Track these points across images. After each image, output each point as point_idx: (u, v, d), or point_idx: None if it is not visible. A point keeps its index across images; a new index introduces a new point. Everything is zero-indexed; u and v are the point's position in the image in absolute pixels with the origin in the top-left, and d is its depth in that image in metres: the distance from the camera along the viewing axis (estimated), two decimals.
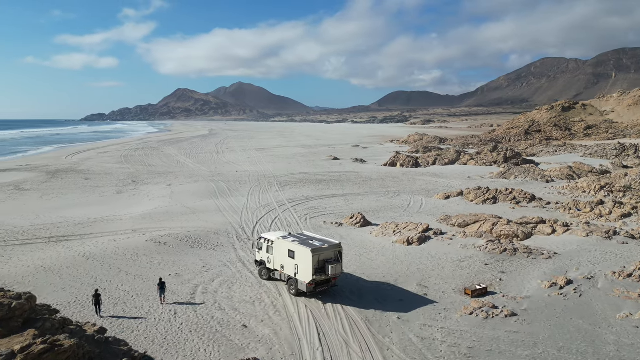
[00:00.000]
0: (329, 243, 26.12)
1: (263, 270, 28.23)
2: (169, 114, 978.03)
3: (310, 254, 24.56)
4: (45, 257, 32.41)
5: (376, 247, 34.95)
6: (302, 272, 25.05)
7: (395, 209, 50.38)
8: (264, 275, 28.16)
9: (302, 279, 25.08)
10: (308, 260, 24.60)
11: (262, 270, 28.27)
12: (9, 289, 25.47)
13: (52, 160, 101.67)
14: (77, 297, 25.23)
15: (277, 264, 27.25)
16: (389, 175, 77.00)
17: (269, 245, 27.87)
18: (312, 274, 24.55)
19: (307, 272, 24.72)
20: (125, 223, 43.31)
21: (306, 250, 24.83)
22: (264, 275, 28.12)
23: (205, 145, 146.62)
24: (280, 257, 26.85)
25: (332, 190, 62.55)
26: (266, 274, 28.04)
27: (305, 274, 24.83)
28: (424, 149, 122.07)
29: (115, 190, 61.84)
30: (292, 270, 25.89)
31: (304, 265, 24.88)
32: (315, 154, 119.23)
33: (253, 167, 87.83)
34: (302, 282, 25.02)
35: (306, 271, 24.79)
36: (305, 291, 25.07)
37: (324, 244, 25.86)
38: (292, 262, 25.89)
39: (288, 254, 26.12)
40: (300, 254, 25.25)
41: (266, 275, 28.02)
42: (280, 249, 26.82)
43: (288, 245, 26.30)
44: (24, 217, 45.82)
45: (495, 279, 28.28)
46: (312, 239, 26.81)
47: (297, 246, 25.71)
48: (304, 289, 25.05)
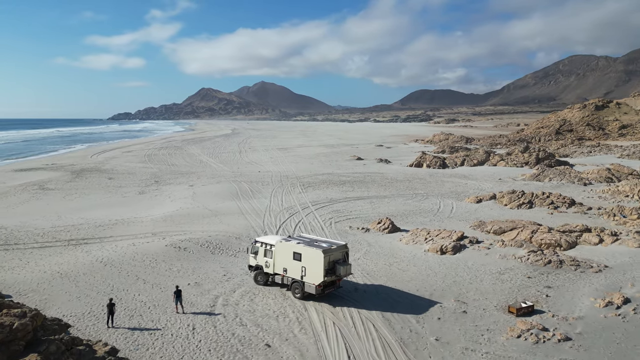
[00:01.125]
0: (336, 244, 25.86)
1: (259, 276, 27.30)
2: (192, 113, 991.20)
3: (322, 255, 24.13)
4: (63, 262, 31.37)
5: (407, 256, 32.71)
6: (311, 274, 24.49)
7: (425, 213, 47.92)
8: (260, 280, 27.24)
9: (310, 281, 24.51)
10: (319, 261, 24.13)
11: (258, 275, 27.34)
12: (19, 300, 24.40)
13: (78, 159, 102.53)
14: (92, 307, 23.89)
15: (278, 268, 26.34)
16: (415, 177, 74.38)
17: (267, 249, 27.02)
18: (324, 275, 24.11)
19: (318, 274, 24.24)
20: (146, 225, 42.22)
21: (317, 252, 24.32)
22: (260, 280, 27.20)
23: (228, 145, 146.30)
24: (282, 261, 26.00)
25: (357, 192, 60.43)
26: (263, 279, 27.12)
27: (315, 276, 24.33)
28: (451, 149, 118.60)
29: (138, 191, 61.18)
30: (297, 273, 25.17)
31: (314, 267, 24.35)
32: (338, 153, 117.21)
33: (275, 167, 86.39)
34: (311, 284, 24.48)
35: (316, 273, 24.29)
36: (313, 293, 24.51)
37: (331, 245, 25.53)
38: (297, 264, 25.16)
39: (293, 256, 25.39)
40: (309, 256, 24.64)
41: (263, 281, 27.13)
42: (283, 252, 25.97)
43: (293, 248, 25.53)
44: (46, 218, 45.28)
45: (541, 295, 25.73)
46: (316, 241, 26.37)
47: (304, 248, 25.07)
48: (312, 291, 24.49)
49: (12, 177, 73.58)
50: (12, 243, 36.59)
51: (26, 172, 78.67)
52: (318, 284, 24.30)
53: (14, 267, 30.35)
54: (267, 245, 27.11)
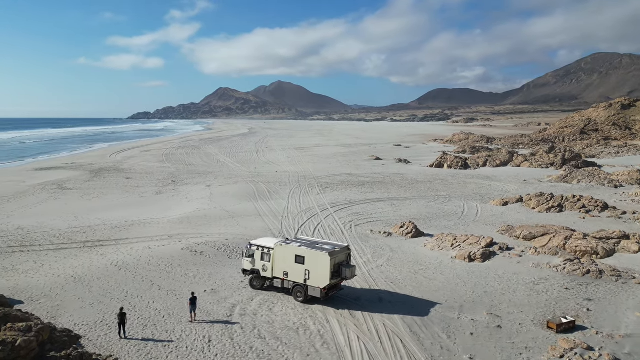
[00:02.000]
0: (339, 246, 25.43)
1: (255, 280, 26.44)
2: (210, 112, 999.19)
3: (329, 257, 23.69)
4: (78, 265, 30.60)
5: (433, 263, 31.04)
6: (316, 277, 23.97)
7: (449, 216, 46.05)
8: (256, 284, 26.41)
9: (315, 284, 24.01)
10: (325, 264, 23.67)
11: (254, 279, 26.47)
12: (31, 307, 23.58)
13: (97, 158, 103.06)
14: (105, 315, 22.91)
15: (278, 272, 25.53)
16: (436, 178, 72.33)
17: (264, 253, 26.18)
18: (330, 278, 23.67)
19: (323, 277, 23.74)
20: (162, 227, 41.39)
21: (323, 254, 23.86)
22: (256, 284, 26.38)
23: (245, 144, 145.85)
24: (283, 264, 25.25)
25: (377, 193, 58.79)
26: (259, 283, 26.32)
27: (320, 279, 23.82)
28: (472, 149, 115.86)
29: (155, 191, 60.63)
30: (300, 276, 24.55)
31: (319, 270, 23.84)
32: (355, 153, 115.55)
33: (293, 168, 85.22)
34: (315, 287, 24.01)
35: (322, 276, 23.78)
36: (318, 297, 24.07)
37: (335, 247, 25.04)
38: (300, 267, 24.53)
39: (295, 259, 24.70)
40: (314, 259, 24.10)
41: (259, 285, 26.33)
42: (284, 255, 25.24)
43: (295, 251, 24.85)
44: (62, 219, 44.87)
45: (582, 309, 23.83)
46: (317, 243, 25.90)
47: (308, 251, 24.47)
48: (317, 294, 24.05)
49: (32, 176, 73.99)
50: (28, 244, 36.11)
51: (46, 171, 79.10)
52: (324, 287, 23.78)
53: (28, 270, 29.70)
54: (265, 249, 26.26)
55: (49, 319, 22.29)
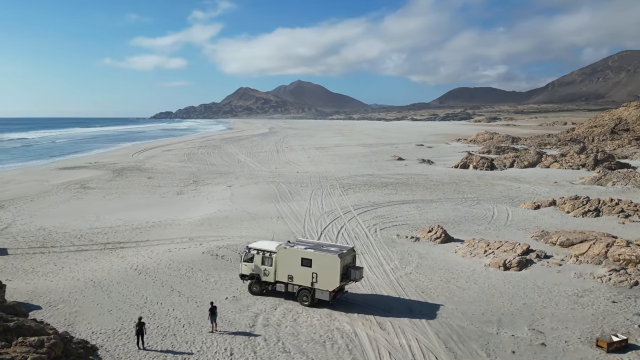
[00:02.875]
0: (345, 248, 25.02)
1: (255, 285, 25.57)
2: (231, 112, 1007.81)
3: (339, 259, 23.28)
4: (97, 269, 29.96)
5: (465, 272, 29.32)
6: (325, 280, 23.52)
7: (478, 220, 44.10)
8: (255, 290, 25.54)
9: (323, 288, 23.57)
10: (335, 266, 23.25)
11: (253, 284, 25.60)
12: (49, 312, 22.86)
13: (120, 157, 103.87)
14: (124, 323, 22.02)
15: (281, 276, 24.77)
16: (462, 179, 70.11)
17: (265, 257, 25.29)
18: (339, 280, 23.33)
19: (332, 279, 23.36)
20: (183, 229, 40.66)
21: (333, 257, 23.42)
22: (256, 290, 25.51)
23: (266, 144, 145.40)
24: (287, 268, 24.49)
25: (401, 195, 57.07)
26: (259, 288, 25.48)
27: (329, 282, 23.43)
28: (497, 149, 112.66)
29: (176, 191, 60.21)
30: (307, 279, 23.92)
31: (328, 273, 23.40)
32: (377, 153, 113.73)
33: (314, 168, 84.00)
34: (324, 290, 23.57)
35: (331, 278, 23.38)
36: (327, 300, 23.66)
37: (341, 249, 24.59)
38: (307, 271, 23.89)
39: (301, 262, 24.04)
40: (323, 262, 23.58)
41: (258, 290, 25.49)
42: (288, 258, 24.48)
43: (301, 254, 24.18)
44: (84, 219, 44.63)
45: (632, 325, 21.87)
46: (321, 245, 25.49)
47: (315, 254, 23.88)
48: (325, 297, 23.67)
49: (56, 175, 74.67)
50: (49, 245, 35.79)
51: (70, 171, 79.81)
52: (333, 289, 23.42)
53: (48, 273, 29.19)
54: (266, 253, 25.35)
55: (66, 326, 21.55)
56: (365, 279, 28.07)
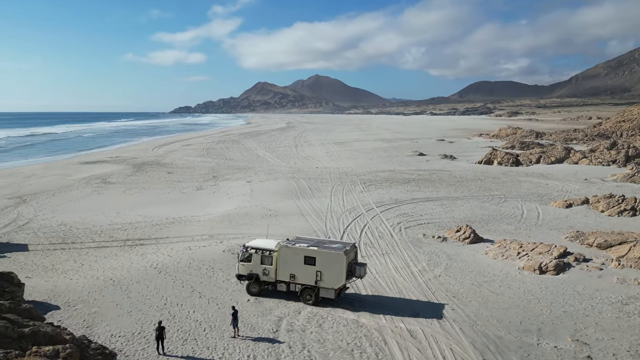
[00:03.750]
0: (347, 244, 24.72)
1: (253, 285, 24.68)
2: (249, 106, 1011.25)
3: (345, 256, 22.97)
4: (117, 266, 29.41)
5: (498, 275, 27.81)
6: (330, 278, 23.11)
7: (507, 219, 42.32)
8: (253, 290, 24.68)
9: (328, 286, 23.16)
10: (341, 264, 22.90)
11: (252, 285, 24.70)
12: (67, 313, 22.23)
13: (140, 152, 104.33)
14: (143, 325, 21.28)
15: (283, 275, 24.09)
16: (486, 175, 68.01)
17: (264, 255, 24.47)
18: (345, 277, 23.12)
19: (338, 277, 23.00)
20: (203, 226, 39.98)
21: (338, 254, 23.06)
22: (254, 290, 24.66)
23: (284, 139, 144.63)
24: (289, 267, 23.83)
25: (424, 192, 55.44)
26: (258, 288, 24.64)
27: (335, 279, 23.06)
28: (521, 145, 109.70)
29: (196, 186, 59.75)
30: (310, 278, 23.41)
31: (334, 270, 23.01)
32: (396, 148, 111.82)
33: (333, 163, 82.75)
34: (329, 289, 23.18)
35: (336, 276, 23.01)
36: (332, 298, 23.32)
37: (345, 245, 24.28)
38: (311, 269, 23.36)
39: (305, 261, 23.48)
40: (327, 259, 23.13)
41: (257, 290, 24.64)
42: (290, 257, 23.82)
43: (304, 252, 23.61)
44: (105, 214, 44.38)
45: None
46: (323, 242, 25.12)
47: (319, 251, 23.41)
48: (330, 296, 23.30)
49: (78, 169, 75.14)
50: (70, 242, 35.49)
51: (91, 165, 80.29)
52: (338, 287, 23.16)
53: (67, 271, 28.75)
54: (265, 251, 24.53)
55: (85, 328, 20.91)
56: (392, 281, 26.87)
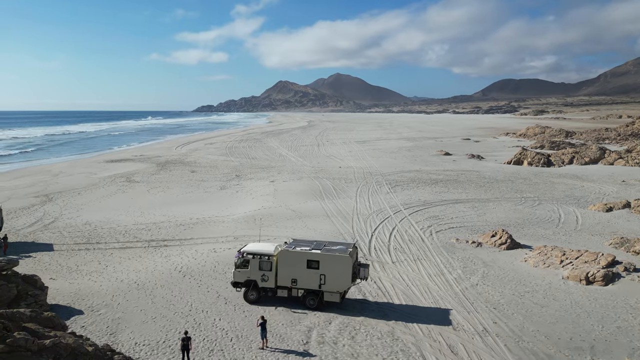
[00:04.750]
0: (347, 244, 24.22)
1: (251, 292, 23.58)
2: (270, 105, 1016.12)
3: (350, 259, 22.61)
4: (141, 269, 28.76)
5: (540, 285, 26.04)
6: (335, 281, 22.54)
7: (544, 223, 40.22)
8: (252, 297, 23.59)
9: (333, 289, 22.55)
10: (347, 266, 22.46)
11: (250, 292, 23.59)
12: (91, 318, 21.49)
13: (164, 150, 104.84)
14: (168, 333, 20.41)
15: (283, 280, 23.25)
16: (517, 176, 65.54)
17: (262, 261, 23.51)
18: (351, 280, 22.73)
19: (344, 280, 22.54)
20: (227, 227, 39.17)
21: (343, 257, 22.53)
22: (253, 297, 23.58)
23: (306, 138, 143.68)
24: (290, 271, 23.06)
25: (453, 193, 53.54)
26: (256, 295, 23.58)
27: (340, 283, 22.55)
28: (551, 144, 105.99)
29: (219, 186, 59.20)
30: (314, 282, 22.75)
31: (340, 273, 22.48)
32: (421, 147, 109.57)
33: (356, 163, 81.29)
34: (334, 292, 22.58)
35: (342, 279, 22.52)
36: (337, 301, 22.70)
37: (347, 246, 23.76)
38: (314, 273, 22.71)
39: (307, 264, 22.82)
40: (332, 262, 22.54)
41: (255, 297, 23.58)
42: (291, 261, 23.04)
43: (306, 255, 22.91)
44: (129, 214, 44.08)
45: None
46: (324, 244, 24.40)
47: (323, 254, 22.76)
48: (335, 299, 22.67)
49: (103, 167, 75.66)
50: (94, 242, 35.12)
51: (116, 163, 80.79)
52: (344, 290, 22.69)
53: (92, 272, 28.23)
54: (264, 256, 23.58)
55: (108, 335, 20.17)
56: (426, 290, 25.42)
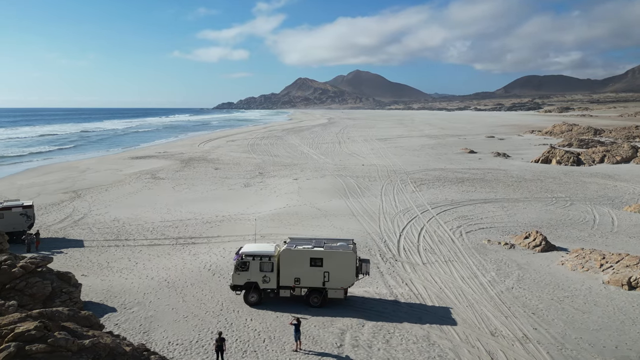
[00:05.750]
0: (346, 240, 24.58)
1: (252, 295, 23.15)
2: (289, 102, 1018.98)
3: (354, 255, 23.04)
4: (171, 266, 28.83)
5: (580, 289, 25.09)
6: (339, 278, 22.75)
7: (578, 225, 38.93)
8: (253, 299, 23.14)
9: (337, 286, 22.77)
10: (351, 262, 22.81)
11: (251, 295, 23.14)
12: (124, 315, 21.58)
13: (187, 147, 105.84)
14: (200, 333, 20.31)
15: (286, 280, 23.11)
16: (546, 175, 63.83)
17: (263, 262, 23.22)
18: (356, 275, 23.04)
19: (348, 277, 22.81)
20: (254, 225, 39.04)
21: (348, 253, 22.90)
22: (254, 299, 23.13)
23: (326, 135, 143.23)
24: (292, 270, 23.00)
25: (481, 192, 52.39)
26: (257, 297, 23.17)
27: (345, 279, 22.81)
28: (579, 143, 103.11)
29: (243, 183, 59.30)
30: (317, 280, 22.85)
31: (344, 270, 22.74)
32: (444, 145, 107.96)
33: (379, 161, 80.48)
34: (338, 289, 22.82)
35: (346, 276, 22.77)
36: (341, 297, 23.03)
37: (347, 243, 24.12)
38: (317, 271, 22.82)
39: (310, 263, 22.88)
40: (336, 259, 22.79)
41: (257, 299, 23.16)
42: (294, 260, 22.97)
43: (309, 254, 22.97)
44: (155, 210, 44.45)
45: None
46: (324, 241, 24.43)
47: (327, 252, 22.97)
48: (340, 296, 22.98)
49: (129, 164, 76.73)
50: (123, 238, 35.46)
51: (140, 160, 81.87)
52: (348, 286, 23.01)
53: (122, 269, 28.44)
54: (264, 257, 23.26)
55: (142, 334, 20.18)
56: (460, 293, 24.76)
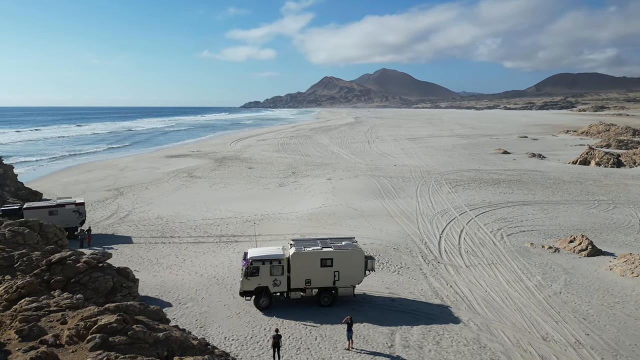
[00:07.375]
0: (351, 239, 25.33)
1: (263, 299, 23.25)
2: (315, 101, 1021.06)
3: (363, 253, 23.97)
4: (218, 264, 29.76)
5: (631, 295, 24.65)
6: (349, 276, 23.61)
7: (623, 229, 38.04)
8: (263, 304, 23.25)
9: (347, 284, 23.63)
10: (360, 261, 23.76)
11: (262, 299, 23.24)
12: (179, 311, 22.45)
13: (219, 146, 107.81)
14: (254, 329, 21.03)
15: (297, 282, 23.57)
16: (585, 177, 62.33)
17: (273, 266, 23.43)
18: (365, 272, 23.93)
19: (358, 274, 23.75)
20: (292, 224, 39.78)
21: (358, 252, 23.80)
22: (264, 303, 23.25)
23: (355, 134, 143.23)
24: (304, 272, 23.49)
25: (518, 194, 51.66)
26: (268, 301, 23.32)
27: (354, 277, 23.72)
28: (618, 143, 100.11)
29: (278, 182, 60.18)
30: (328, 280, 23.57)
31: (354, 268, 23.61)
32: (476, 145, 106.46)
33: (411, 161, 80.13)
34: (348, 287, 23.69)
35: (356, 273, 23.70)
36: (351, 294, 23.89)
37: (352, 241, 24.92)
38: (327, 271, 23.51)
39: (321, 263, 23.53)
40: (346, 258, 23.57)
41: (267, 303, 23.30)
42: (305, 261, 23.48)
43: (319, 255, 23.60)
44: (196, 209, 45.69)
45: None
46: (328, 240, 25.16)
47: (337, 252, 23.68)
48: (349, 293, 23.89)
49: (165, 163, 78.84)
50: (169, 235, 36.69)
51: (176, 159, 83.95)
52: (358, 283, 23.87)
53: (172, 266, 29.52)
54: (274, 261, 23.44)
55: (199, 329, 21.03)
56: (506, 297, 24.72)
